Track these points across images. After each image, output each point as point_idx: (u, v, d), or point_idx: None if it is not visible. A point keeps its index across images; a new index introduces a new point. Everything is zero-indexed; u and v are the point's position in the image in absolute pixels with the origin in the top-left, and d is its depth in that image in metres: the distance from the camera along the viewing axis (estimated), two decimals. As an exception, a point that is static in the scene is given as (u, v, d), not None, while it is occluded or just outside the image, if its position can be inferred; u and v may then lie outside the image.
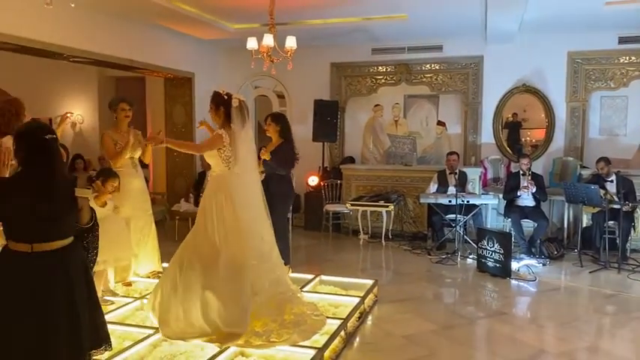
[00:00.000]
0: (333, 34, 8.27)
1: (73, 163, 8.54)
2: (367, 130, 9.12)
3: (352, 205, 7.98)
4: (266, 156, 5.23)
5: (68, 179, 2.75)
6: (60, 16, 5.94)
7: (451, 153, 7.64)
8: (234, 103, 4.14)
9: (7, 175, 2.97)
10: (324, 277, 5.44)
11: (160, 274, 5.39)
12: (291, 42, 6.00)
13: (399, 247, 7.64)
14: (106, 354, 2.99)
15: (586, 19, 7.14)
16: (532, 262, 6.49)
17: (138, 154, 5.30)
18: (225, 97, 4.20)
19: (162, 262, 5.52)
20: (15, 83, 9.43)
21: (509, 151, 8.57)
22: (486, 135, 8.62)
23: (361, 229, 7.99)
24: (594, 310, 5.16)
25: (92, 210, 2.85)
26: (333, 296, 4.88)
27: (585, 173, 7.65)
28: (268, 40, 5.85)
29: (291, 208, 6.09)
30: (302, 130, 9.19)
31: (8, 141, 3.94)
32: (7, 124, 4.01)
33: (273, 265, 4.32)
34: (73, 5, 4.37)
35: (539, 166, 8.07)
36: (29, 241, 2.57)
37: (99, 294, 4.19)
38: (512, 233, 6.72)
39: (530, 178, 6.95)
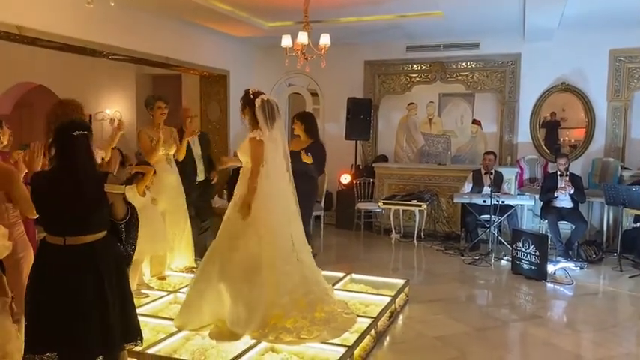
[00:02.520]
0: (367, 32, 8.23)
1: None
2: (401, 128, 9.04)
3: (384, 203, 7.92)
4: (307, 160, 5.24)
5: (97, 175, 2.79)
6: (100, 15, 6.09)
7: (488, 153, 7.51)
8: (257, 103, 4.12)
9: (38, 169, 3.07)
10: (355, 276, 5.42)
11: (194, 269, 5.48)
12: (325, 40, 6.01)
13: (432, 247, 7.56)
14: (138, 347, 3.05)
15: (630, 16, 6.89)
16: (569, 265, 6.32)
17: (172, 150, 5.43)
18: (251, 96, 4.19)
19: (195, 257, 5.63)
20: (57, 80, 9.75)
21: (547, 151, 8.37)
22: (523, 134, 8.44)
23: (393, 229, 7.93)
24: (634, 315, 5.01)
25: (130, 206, 2.90)
26: (364, 295, 4.86)
27: (626, 175, 7.42)
28: (302, 37, 5.87)
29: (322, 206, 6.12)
30: (335, 128, 9.21)
31: None
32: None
33: (301, 266, 4.23)
34: (112, 4, 4.46)
35: (577, 167, 7.85)
36: (62, 234, 2.66)
37: (134, 287, 4.30)
38: (549, 235, 6.56)
39: (567, 179, 6.78)
